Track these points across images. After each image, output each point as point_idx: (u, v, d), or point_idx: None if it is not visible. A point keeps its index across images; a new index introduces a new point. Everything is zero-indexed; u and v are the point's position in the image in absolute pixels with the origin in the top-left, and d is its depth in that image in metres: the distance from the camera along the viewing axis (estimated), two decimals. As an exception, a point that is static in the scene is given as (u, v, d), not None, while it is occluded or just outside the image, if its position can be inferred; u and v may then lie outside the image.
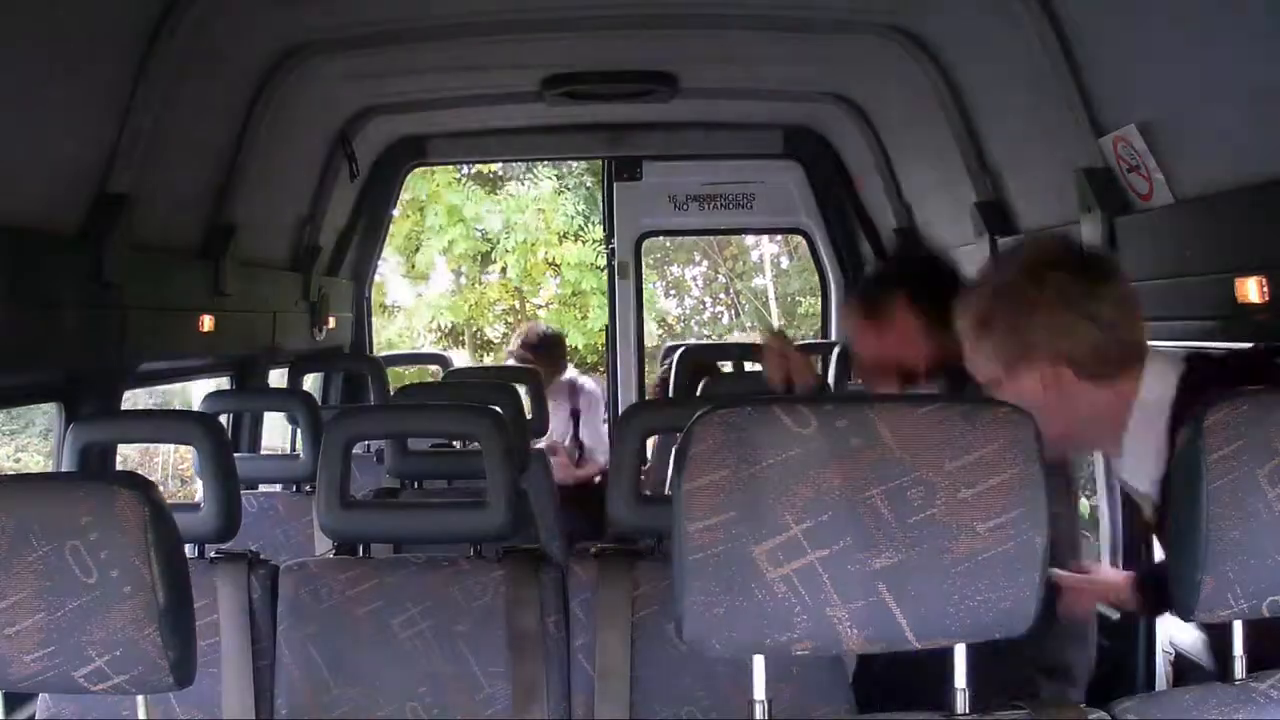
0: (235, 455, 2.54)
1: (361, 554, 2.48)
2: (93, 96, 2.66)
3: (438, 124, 4.95)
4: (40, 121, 2.45)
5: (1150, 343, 2.91)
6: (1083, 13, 2.65)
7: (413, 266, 13.10)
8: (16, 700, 2.40)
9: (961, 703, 1.50)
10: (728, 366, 5.22)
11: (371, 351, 5.63)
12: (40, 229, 2.56)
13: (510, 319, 13.29)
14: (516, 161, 11.81)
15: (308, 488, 3.62)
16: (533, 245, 12.77)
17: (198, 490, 2.45)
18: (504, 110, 4.65)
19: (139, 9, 2.70)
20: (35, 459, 7.50)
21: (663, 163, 5.48)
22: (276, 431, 4.83)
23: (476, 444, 2.49)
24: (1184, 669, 2.98)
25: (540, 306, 13.34)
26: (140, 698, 1.58)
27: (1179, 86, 2.41)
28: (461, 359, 11.85)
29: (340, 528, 2.40)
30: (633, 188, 5.51)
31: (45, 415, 3.15)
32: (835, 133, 4.98)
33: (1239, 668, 1.55)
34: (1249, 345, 2.30)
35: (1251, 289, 2.20)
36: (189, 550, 2.40)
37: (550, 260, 12.78)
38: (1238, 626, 1.55)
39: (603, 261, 8.34)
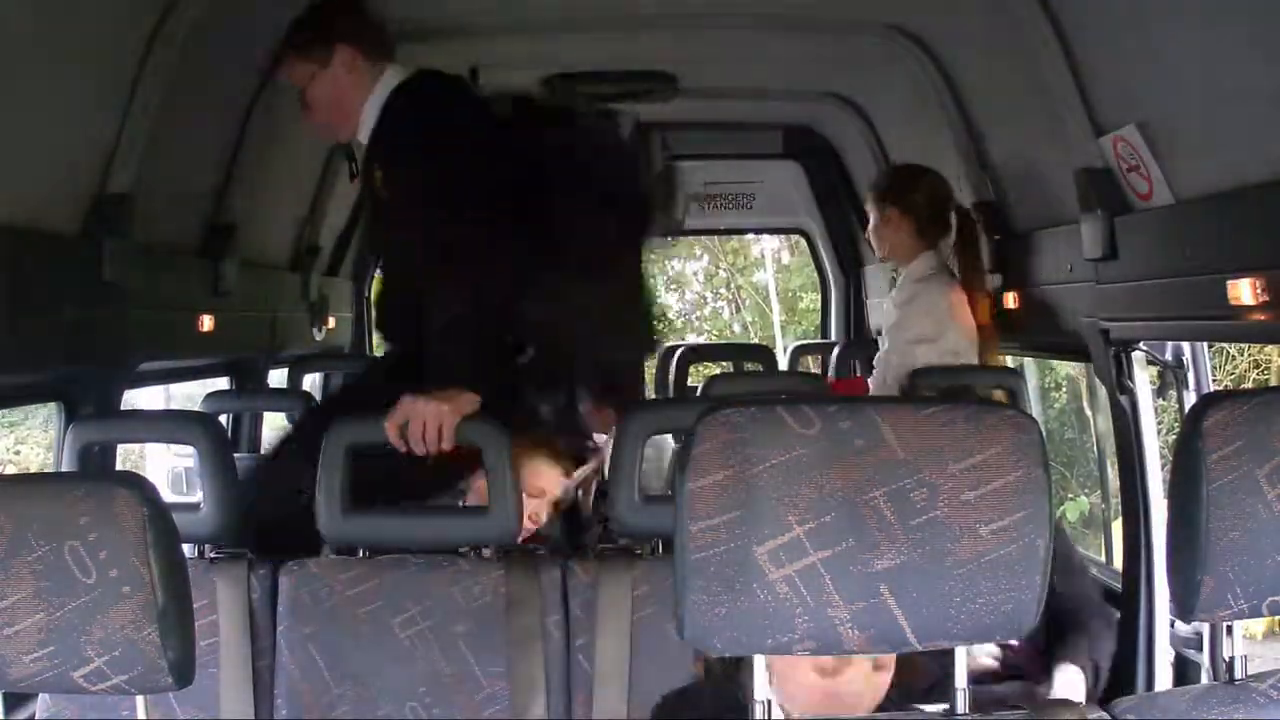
0: (235, 455, 2.54)
1: (361, 554, 2.48)
2: (93, 96, 2.66)
3: (437, 124, 4.94)
4: (40, 121, 2.45)
5: (1150, 341, 2.95)
6: (1083, 13, 2.65)
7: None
8: (16, 700, 2.40)
9: (961, 703, 1.50)
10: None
11: (371, 351, 5.63)
12: (40, 229, 2.56)
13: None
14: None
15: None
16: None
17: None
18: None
19: (139, 9, 2.70)
20: (35, 451, 7.50)
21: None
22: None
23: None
24: (1184, 669, 2.98)
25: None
26: (140, 698, 1.58)
27: (1179, 86, 2.40)
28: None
29: (341, 534, 2.40)
30: None
31: (45, 407, 3.15)
32: (835, 133, 4.98)
33: (1239, 667, 1.56)
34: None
35: (1252, 289, 2.20)
36: (189, 550, 2.40)
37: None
38: (1238, 626, 1.55)
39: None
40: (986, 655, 2.71)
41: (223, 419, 3.47)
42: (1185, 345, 3.07)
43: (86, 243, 2.72)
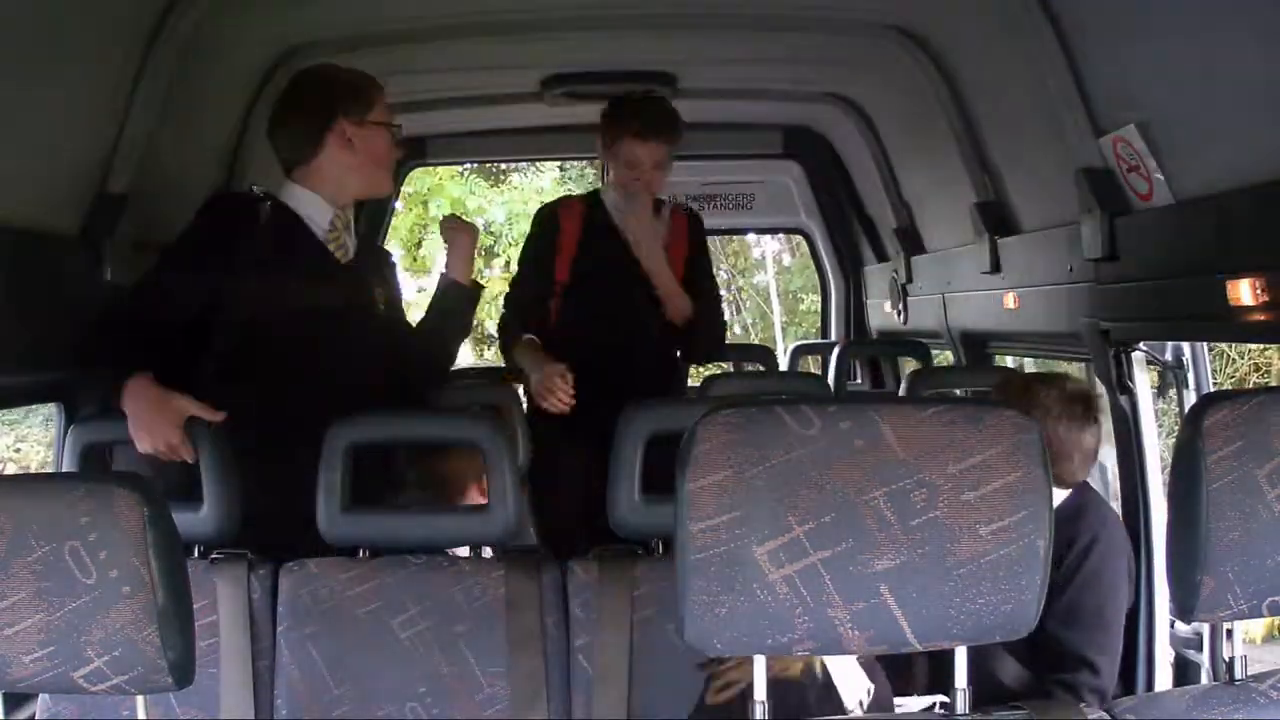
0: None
1: (361, 554, 2.48)
2: (93, 96, 2.66)
3: (438, 124, 4.94)
4: (40, 121, 2.45)
5: (1148, 342, 2.95)
6: (1083, 13, 2.65)
7: (415, 260, 13.09)
8: (16, 700, 2.40)
9: (961, 703, 1.50)
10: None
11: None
12: (40, 229, 2.56)
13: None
14: (517, 161, 11.82)
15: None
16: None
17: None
18: (504, 110, 4.65)
19: (139, 9, 2.70)
20: (35, 450, 7.51)
21: None
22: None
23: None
24: (1184, 669, 2.98)
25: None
26: (140, 698, 1.58)
27: (1179, 86, 2.41)
28: (463, 354, 11.82)
29: (341, 533, 2.39)
30: None
31: (45, 405, 3.12)
32: (835, 133, 4.98)
33: (1239, 668, 1.56)
34: None
35: (1251, 289, 2.20)
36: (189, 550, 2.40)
37: (552, 252, 12.74)
38: (1238, 627, 1.55)
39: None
40: None
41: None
42: (1185, 345, 3.07)
43: (86, 243, 2.72)
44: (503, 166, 12.80)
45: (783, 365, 5.78)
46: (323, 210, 2.78)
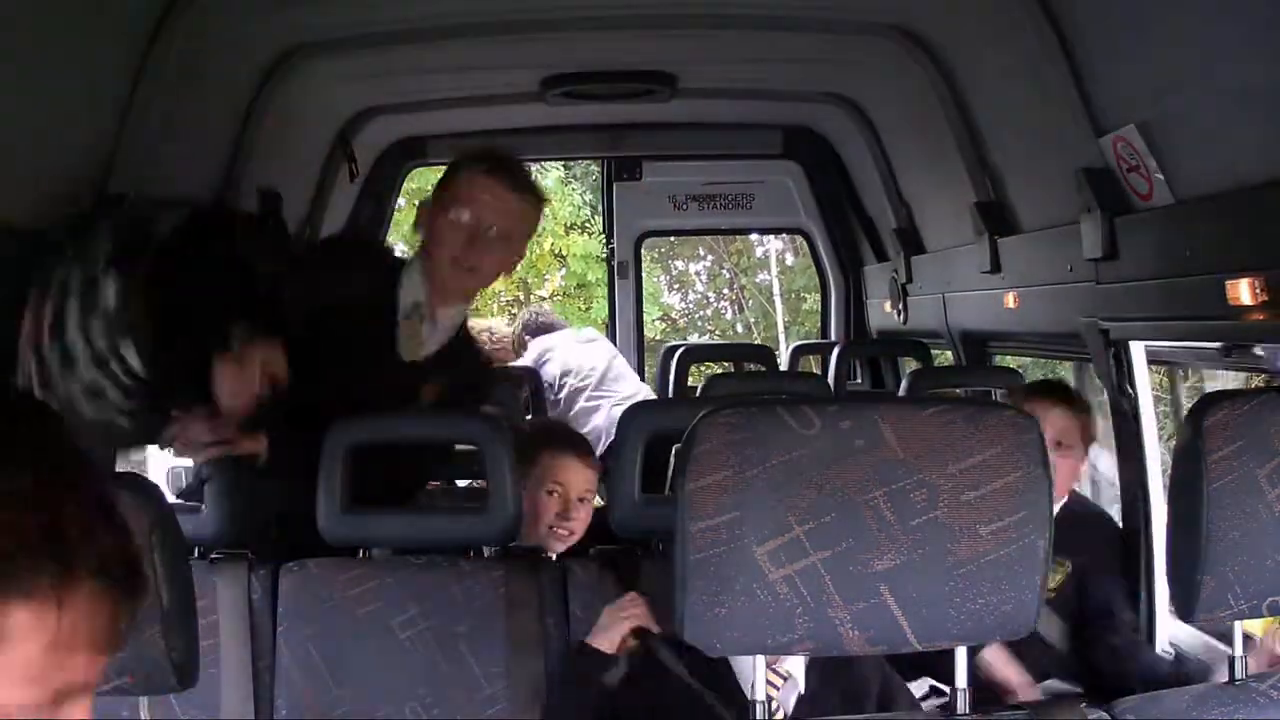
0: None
1: (361, 554, 2.48)
2: (93, 96, 2.66)
3: (438, 124, 4.95)
4: (40, 121, 2.45)
5: (1150, 342, 2.95)
6: (1083, 13, 2.65)
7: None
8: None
9: (962, 703, 1.50)
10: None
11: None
12: (40, 229, 2.56)
13: (514, 310, 13.26)
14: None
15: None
16: (539, 236, 12.72)
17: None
18: (504, 110, 4.65)
19: (139, 9, 2.70)
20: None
21: (663, 163, 5.48)
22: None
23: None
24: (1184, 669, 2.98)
25: (544, 298, 13.33)
26: (143, 699, 1.58)
27: (1179, 86, 2.41)
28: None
29: (341, 533, 2.40)
30: (633, 188, 5.51)
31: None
32: (835, 133, 4.98)
33: (1239, 668, 1.56)
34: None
35: (1251, 289, 2.20)
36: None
37: (556, 251, 12.78)
38: (1238, 626, 1.55)
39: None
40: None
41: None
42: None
43: (87, 243, 2.71)
44: (507, 167, 12.76)
45: (783, 365, 5.78)
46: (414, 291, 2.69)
